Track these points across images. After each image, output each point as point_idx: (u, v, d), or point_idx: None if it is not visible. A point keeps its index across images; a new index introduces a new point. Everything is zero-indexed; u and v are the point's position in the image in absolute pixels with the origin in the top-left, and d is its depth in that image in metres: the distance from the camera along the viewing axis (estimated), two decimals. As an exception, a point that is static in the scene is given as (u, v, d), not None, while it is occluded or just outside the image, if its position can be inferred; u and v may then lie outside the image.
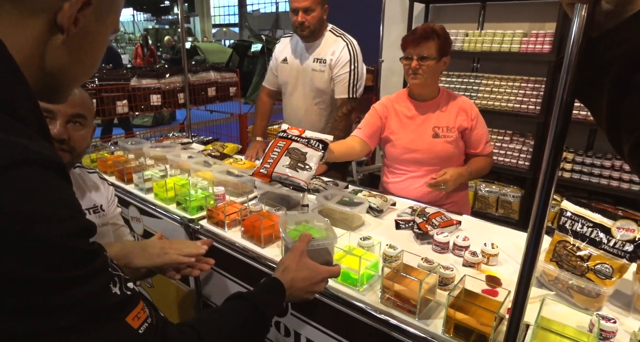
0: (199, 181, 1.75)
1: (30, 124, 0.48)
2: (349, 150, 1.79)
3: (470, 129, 1.75)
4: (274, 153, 1.43)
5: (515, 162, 3.41)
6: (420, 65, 1.65)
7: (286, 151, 1.43)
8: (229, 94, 3.58)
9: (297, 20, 2.05)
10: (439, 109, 1.76)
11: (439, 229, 1.38)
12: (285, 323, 1.26)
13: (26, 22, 0.47)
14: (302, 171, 1.38)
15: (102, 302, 0.49)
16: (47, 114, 1.06)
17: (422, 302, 1.01)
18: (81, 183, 1.27)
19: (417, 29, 1.69)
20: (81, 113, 1.09)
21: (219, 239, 1.41)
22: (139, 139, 2.33)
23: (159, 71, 2.89)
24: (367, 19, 4.37)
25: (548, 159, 0.66)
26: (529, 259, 0.71)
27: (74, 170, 1.27)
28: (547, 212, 0.68)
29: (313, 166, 1.40)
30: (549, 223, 0.71)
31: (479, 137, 1.78)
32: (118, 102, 2.58)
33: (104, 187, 1.34)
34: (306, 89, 2.22)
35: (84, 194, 1.26)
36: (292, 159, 1.40)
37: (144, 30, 16.29)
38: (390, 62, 4.20)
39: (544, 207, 0.68)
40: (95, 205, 1.28)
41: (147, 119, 6.89)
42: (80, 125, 1.10)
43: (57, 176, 0.47)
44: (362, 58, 2.17)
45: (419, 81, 1.68)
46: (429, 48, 1.64)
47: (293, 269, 0.94)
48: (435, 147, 1.73)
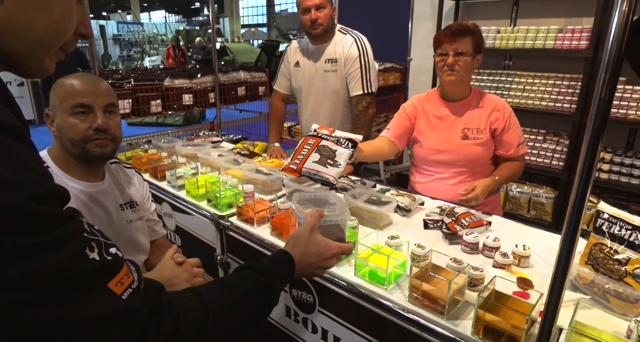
0: (229, 178, 1.79)
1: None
2: (377, 150, 1.79)
3: (503, 130, 1.71)
4: (304, 150, 1.46)
5: (549, 163, 3.31)
6: (457, 61, 1.61)
7: (316, 148, 1.46)
8: (258, 93, 3.64)
9: (310, 18, 2.04)
10: (469, 109, 1.73)
11: (468, 229, 1.36)
12: (313, 320, 1.27)
13: None
14: (332, 167, 1.40)
15: (78, 268, 0.46)
16: (86, 108, 1.13)
17: (451, 302, 1.00)
18: (118, 178, 1.32)
19: (452, 25, 1.67)
20: (112, 102, 1.18)
21: (248, 235, 1.43)
22: (172, 138, 2.40)
23: (190, 71, 2.97)
24: (395, 17, 4.33)
25: (585, 159, 0.64)
26: (564, 259, 0.70)
27: (111, 165, 1.32)
28: (583, 210, 0.67)
29: (342, 163, 1.42)
30: (584, 226, 0.70)
31: (512, 139, 1.72)
32: (152, 102, 2.67)
33: (139, 183, 1.39)
34: (321, 91, 2.22)
35: (121, 188, 1.32)
36: (322, 155, 1.43)
37: (175, 32, 16.71)
38: (419, 60, 4.15)
39: (580, 205, 0.66)
40: (132, 200, 1.34)
41: (178, 118, 7.07)
42: (114, 114, 1.19)
43: (15, 140, 0.45)
44: (372, 53, 2.14)
45: (454, 78, 1.65)
46: (465, 44, 1.61)
47: (303, 243, 0.90)
48: (464, 149, 1.71)
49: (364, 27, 2.37)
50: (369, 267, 1.17)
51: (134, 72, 3.00)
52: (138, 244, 1.34)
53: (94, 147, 1.15)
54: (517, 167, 1.76)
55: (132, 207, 1.34)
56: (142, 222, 1.37)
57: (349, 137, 1.50)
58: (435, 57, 1.70)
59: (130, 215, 1.32)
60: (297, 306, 1.31)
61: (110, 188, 1.28)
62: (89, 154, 1.15)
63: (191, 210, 1.69)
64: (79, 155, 1.15)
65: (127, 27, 15.73)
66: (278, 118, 2.45)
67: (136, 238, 1.32)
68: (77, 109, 1.13)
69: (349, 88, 2.15)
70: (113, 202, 1.27)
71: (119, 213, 1.28)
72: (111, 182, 1.29)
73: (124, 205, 1.31)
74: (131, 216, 1.32)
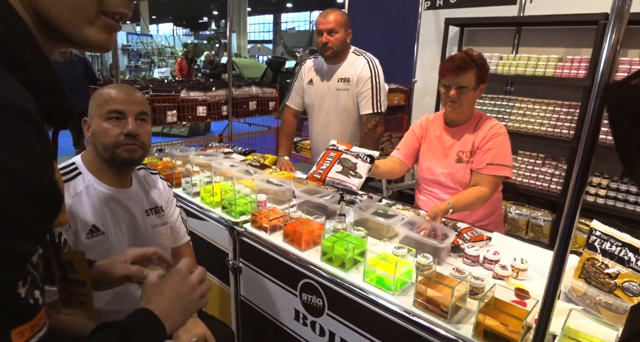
0: (242, 187, 1.88)
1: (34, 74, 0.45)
2: (391, 168, 1.90)
3: (480, 147, 1.72)
4: (327, 161, 1.59)
5: (547, 186, 3.40)
6: (459, 95, 1.67)
7: (338, 160, 1.58)
8: (268, 108, 3.76)
9: (322, 40, 2.17)
10: (466, 134, 1.80)
11: (470, 243, 1.45)
12: (321, 324, 1.34)
13: None
14: (354, 177, 1.52)
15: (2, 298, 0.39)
16: (119, 114, 1.21)
17: (453, 308, 1.07)
18: (144, 184, 1.40)
19: (456, 57, 1.69)
20: (144, 111, 1.27)
21: (262, 241, 1.52)
22: (185, 147, 2.50)
23: (205, 84, 3.10)
24: (402, 41, 4.49)
25: (576, 177, 0.74)
26: (559, 260, 0.78)
27: (139, 171, 1.41)
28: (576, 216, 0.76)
29: (363, 175, 1.56)
30: (581, 249, 0.78)
31: (486, 156, 1.70)
32: (168, 112, 2.79)
33: (164, 189, 1.47)
34: (332, 108, 2.33)
35: (147, 194, 1.39)
36: (344, 167, 1.55)
37: (183, 45, 17.03)
38: (424, 82, 4.28)
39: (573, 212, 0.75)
40: (157, 206, 1.40)
41: (183, 129, 7.19)
42: (145, 122, 1.27)
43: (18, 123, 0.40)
44: (382, 74, 2.26)
45: (455, 111, 1.73)
46: (468, 78, 1.65)
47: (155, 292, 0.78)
48: (457, 172, 1.78)
49: (371, 49, 2.49)
50: (376, 274, 1.25)
51: (152, 83, 3.13)
52: (161, 248, 1.39)
53: (122, 152, 1.22)
54: (479, 193, 1.66)
55: (157, 212, 1.40)
56: (166, 228, 1.42)
57: (367, 153, 1.62)
58: (440, 86, 1.79)
59: (155, 220, 1.38)
60: (307, 310, 1.39)
61: (137, 194, 1.34)
62: (118, 158, 1.23)
63: (205, 216, 1.77)
64: (109, 159, 1.23)
65: (138, 38, 16.01)
66: (289, 132, 2.55)
67: (160, 243, 1.38)
68: (111, 115, 1.21)
69: (359, 107, 2.26)
70: (139, 207, 1.34)
71: (144, 218, 1.34)
72: (138, 188, 1.36)
73: (149, 210, 1.37)
74: (156, 221, 1.38)
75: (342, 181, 1.54)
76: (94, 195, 1.23)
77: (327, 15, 2.14)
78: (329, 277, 1.29)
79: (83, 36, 0.52)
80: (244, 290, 1.66)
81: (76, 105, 4.58)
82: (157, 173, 1.48)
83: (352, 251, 1.31)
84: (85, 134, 1.28)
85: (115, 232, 1.25)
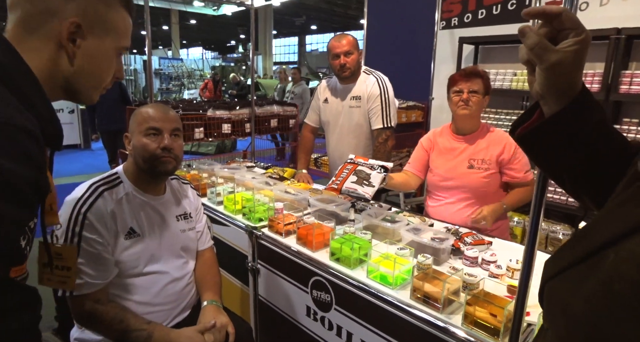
0: (262, 197, 2.04)
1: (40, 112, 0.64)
2: (405, 180, 2.06)
3: (509, 160, 1.89)
4: (343, 173, 1.78)
5: (565, 199, 3.42)
6: (470, 98, 1.86)
7: (353, 172, 1.77)
8: (288, 126, 3.96)
9: (340, 63, 2.33)
10: (476, 142, 1.95)
11: (470, 246, 1.55)
12: (330, 318, 1.47)
13: (42, 46, 0.68)
14: (367, 187, 1.69)
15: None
16: (156, 130, 1.40)
17: (446, 300, 1.18)
18: (176, 192, 1.58)
19: (465, 68, 1.94)
20: (178, 127, 1.45)
21: (278, 243, 1.66)
22: (211, 161, 2.70)
23: (230, 104, 3.33)
24: (419, 59, 4.65)
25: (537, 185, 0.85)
26: (529, 254, 0.89)
27: (172, 181, 1.59)
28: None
29: (376, 184, 1.71)
30: None
31: (519, 167, 1.90)
32: (196, 129, 3.02)
33: (193, 197, 1.64)
34: (346, 124, 2.49)
35: (178, 201, 1.56)
36: (359, 177, 1.72)
37: (211, 68, 17.75)
38: (441, 99, 4.39)
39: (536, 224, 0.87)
40: (186, 212, 1.57)
41: (211, 147, 7.51)
42: (178, 137, 1.45)
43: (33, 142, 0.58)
44: (392, 91, 2.40)
45: (468, 112, 1.88)
46: (477, 84, 1.86)
47: None
48: (469, 177, 1.91)
49: (390, 68, 2.64)
50: (379, 272, 1.37)
51: (182, 103, 3.39)
52: (188, 251, 1.56)
53: (159, 164, 1.40)
54: (526, 191, 1.91)
55: (186, 218, 1.56)
56: (194, 232, 1.59)
57: (381, 164, 1.78)
58: (450, 94, 1.94)
59: (183, 225, 1.54)
60: (316, 306, 1.51)
61: (169, 201, 1.52)
62: (155, 169, 1.41)
63: (227, 222, 1.94)
64: (148, 170, 1.41)
65: (169, 62, 16.83)
66: (307, 148, 2.72)
67: (187, 246, 1.55)
68: (149, 131, 1.40)
69: (370, 122, 2.40)
70: (171, 213, 1.50)
71: (174, 223, 1.51)
72: (171, 196, 1.53)
73: (179, 216, 1.54)
74: (184, 226, 1.54)
75: (357, 190, 1.71)
76: (132, 201, 1.40)
77: (341, 39, 2.32)
78: (336, 274, 1.42)
79: (90, 97, 0.79)
80: (261, 290, 1.80)
81: (112, 125, 4.93)
82: (188, 183, 1.66)
83: (357, 251, 1.44)
84: (126, 147, 1.46)
85: (149, 234, 1.42)
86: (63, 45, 0.70)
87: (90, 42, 0.73)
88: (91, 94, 0.78)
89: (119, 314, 1.28)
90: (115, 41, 0.77)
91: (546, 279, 0.57)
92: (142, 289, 1.39)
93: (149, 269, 1.40)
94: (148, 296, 1.40)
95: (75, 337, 1.39)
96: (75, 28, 0.70)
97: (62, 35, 0.69)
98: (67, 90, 0.75)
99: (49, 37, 0.69)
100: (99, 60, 0.76)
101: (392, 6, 5.06)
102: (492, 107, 3.79)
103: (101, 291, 1.29)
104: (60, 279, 1.05)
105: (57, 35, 0.69)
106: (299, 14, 19.92)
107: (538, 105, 0.66)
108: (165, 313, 1.43)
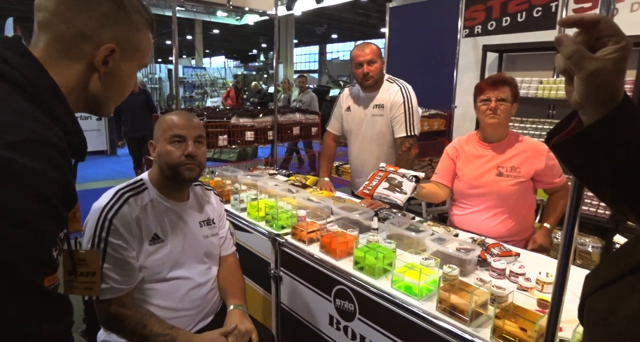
0: (284, 204, 2.05)
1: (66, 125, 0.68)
2: (435, 190, 2.03)
3: (544, 168, 1.85)
4: (375, 180, 1.79)
5: (595, 211, 3.31)
6: (498, 106, 1.83)
7: (385, 179, 1.78)
8: (310, 133, 3.99)
9: (363, 71, 2.32)
10: (505, 150, 1.91)
11: (497, 257, 1.51)
12: (353, 328, 1.45)
13: (72, 66, 0.72)
14: (399, 193, 1.71)
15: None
16: (180, 138, 1.42)
17: (474, 313, 1.16)
18: (200, 199, 1.60)
19: (492, 76, 1.92)
20: (201, 134, 1.47)
21: (301, 251, 1.66)
22: (234, 168, 2.73)
23: (253, 112, 3.38)
24: (441, 68, 4.62)
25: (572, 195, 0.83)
26: (562, 267, 0.87)
27: (196, 187, 1.61)
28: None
29: (408, 192, 1.72)
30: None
31: (553, 173, 1.87)
32: (220, 137, 3.07)
33: (217, 203, 1.66)
34: (368, 133, 2.48)
35: (202, 208, 1.58)
36: (391, 184, 1.74)
37: (233, 76, 18.05)
38: (464, 107, 4.35)
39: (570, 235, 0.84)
40: (209, 218, 1.59)
41: (232, 154, 7.61)
42: (201, 144, 1.47)
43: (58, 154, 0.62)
44: (415, 99, 2.39)
45: (496, 120, 1.85)
46: (505, 92, 1.84)
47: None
48: (498, 184, 1.87)
49: (412, 76, 2.63)
50: (404, 282, 1.35)
51: (206, 111, 3.46)
52: (210, 257, 1.57)
53: (184, 171, 1.42)
54: (561, 200, 1.91)
55: (209, 224, 1.58)
56: (217, 238, 1.60)
57: (413, 174, 1.78)
58: (477, 103, 1.91)
59: (206, 231, 1.56)
60: (340, 315, 1.50)
61: (192, 207, 1.54)
62: (180, 176, 1.43)
63: (251, 228, 1.95)
64: (172, 176, 1.43)
65: (193, 71, 17.21)
66: (329, 156, 2.72)
67: (210, 251, 1.56)
68: (174, 139, 1.43)
69: (393, 130, 2.39)
70: (194, 219, 1.52)
71: (197, 229, 1.52)
72: (194, 202, 1.55)
73: (202, 222, 1.55)
74: (207, 232, 1.56)
75: (389, 196, 1.72)
76: (157, 207, 1.42)
77: (364, 48, 2.32)
78: (360, 283, 1.41)
79: (110, 111, 0.84)
80: (283, 297, 1.80)
81: (137, 132, 5.08)
82: (211, 189, 1.68)
83: (381, 260, 1.43)
84: (151, 154, 1.48)
85: (173, 240, 1.44)
86: (96, 67, 0.74)
87: (120, 63, 0.77)
88: (111, 108, 0.83)
89: (143, 318, 1.30)
90: (140, 60, 0.83)
91: (586, 295, 0.55)
92: (166, 294, 1.41)
93: (172, 274, 1.42)
94: (172, 302, 1.41)
95: (102, 339, 1.42)
96: (109, 52, 0.74)
97: (97, 59, 0.73)
98: (91, 105, 0.79)
99: (80, 58, 0.73)
100: (124, 79, 0.81)
101: (414, 15, 5.05)
102: (517, 116, 3.72)
103: (126, 295, 1.31)
104: (86, 285, 1.07)
105: (90, 57, 0.73)
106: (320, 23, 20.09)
107: (576, 113, 0.64)
108: (188, 319, 1.44)
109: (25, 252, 0.56)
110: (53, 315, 0.61)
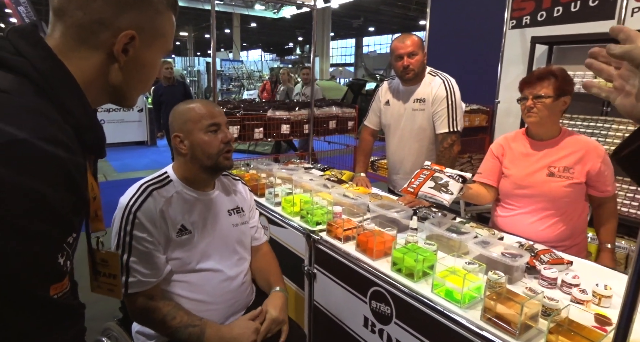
0: (320, 200, 2.01)
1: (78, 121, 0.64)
2: (481, 191, 1.92)
3: (599, 171, 1.72)
4: (420, 178, 1.71)
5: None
6: (535, 104, 1.71)
7: (431, 178, 1.70)
8: (347, 127, 3.92)
9: (403, 64, 2.22)
10: (557, 148, 1.77)
11: (547, 265, 1.40)
12: (389, 332, 1.39)
13: (91, 56, 0.67)
14: (445, 193, 1.62)
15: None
16: (216, 126, 1.41)
17: (523, 326, 1.07)
18: (227, 187, 1.58)
19: (534, 71, 1.78)
20: (227, 120, 1.48)
21: (336, 249, 1.61)
22: (269, 161, 2.72)
23: (290, 105, 3.35)
24: (484, 60, 4.42)
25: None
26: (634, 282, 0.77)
27: (223, 178, 1.59)
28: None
29: (455, 192, 1.63)
30: None
31: (607, 178, 1.75)
32: (256, 129, 3.06)
33: (245, 193, 1.64)
34: (408, 128, 2.37)
35: (230, 196, 1.57)
36: (436, 183, 1.67)
37: (270, 69, 18.19)
38: (507, 103, 4.14)
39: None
40: (238, 206, 1.57)
41: (267, 147, 7.65)
42: (228, 129, 1.47)
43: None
44: (459, 93, 2.26)
45: (533, 119, 1.74)
46: (544, 87, 1.70)
47: None
48: (548, 185, 1.74)
49: (452, 70, 2.50)
50: (445, 287, 1.27)
51: (243, 103, 3.46)
52: (242, 244, 1.56)
53: (223, 160, 1.42)
54: (614, 215, 1.83)
55: (238, 212, 1.56)
56: (247, 227, 1.59)
57: (460, 174, 1.69)
58: (519, 102, 1.79)
59: (236, 219, 1.54)
60: (375, 317, 1.44)
61: (220, 196, 1.52)
62: (219, 165, 1.42)
63: (285, 223, 1.92)
64: (211, 166, 1.41)
65: (230, 64, 17.47)
66: (366, 151, 2.65)
67: (241, 240, 1.55)
68: (211, 128, 1.41)
69: (435, 126, 2.29)
70: (222, 208, 1.51)
71: (226, 218, 1.51)
72: (221, 191, 1.54)
73: (231, 210, 1.54)
74: (237, 220, 1.55)
75: (434, 195, 1.64)
76: (182, 199, 1.41)
77: (405, 40, 2.23)
78: (398, 286, 1.34)
79: (134, 102, 0.80)
80: (317, 295, 1.76)
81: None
82: (239, 179, 1.66)
83: (421, 262, 1.35)
84: (180, 148, 1.42)
85: (201, 231, 1.42)
86: (115, 56, 0.69)
87: (141, 51, 0.72)
88: (135, 98, 0.79)
89: (172, 310, 1.30)
90: (162, 46, 0.77)
91: None
92: (195, 286, 1.40)
93: (202, 265, 1.41)
94: (201, 294, 1.40)
95: (136, 330, 1.43)
96: (129, 39, 0.69)
97: (117, 49, 0.68)
98: (114, 96, 0.75)
99: (99, 46, 0.68)
100: (147, 67, 0.76)
101: (457, 6, 4.85)
102: (567, 113, 3.50)
103: (154, 288, 1.31)
104: (109, 287, 1.05)
105: (109, 45, 0.68)
106: (357, 16, 19.86)
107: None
108: (219, 312, 1.43)
109: (26, 262, 0.53)
110: (62, 324, 0.59)
